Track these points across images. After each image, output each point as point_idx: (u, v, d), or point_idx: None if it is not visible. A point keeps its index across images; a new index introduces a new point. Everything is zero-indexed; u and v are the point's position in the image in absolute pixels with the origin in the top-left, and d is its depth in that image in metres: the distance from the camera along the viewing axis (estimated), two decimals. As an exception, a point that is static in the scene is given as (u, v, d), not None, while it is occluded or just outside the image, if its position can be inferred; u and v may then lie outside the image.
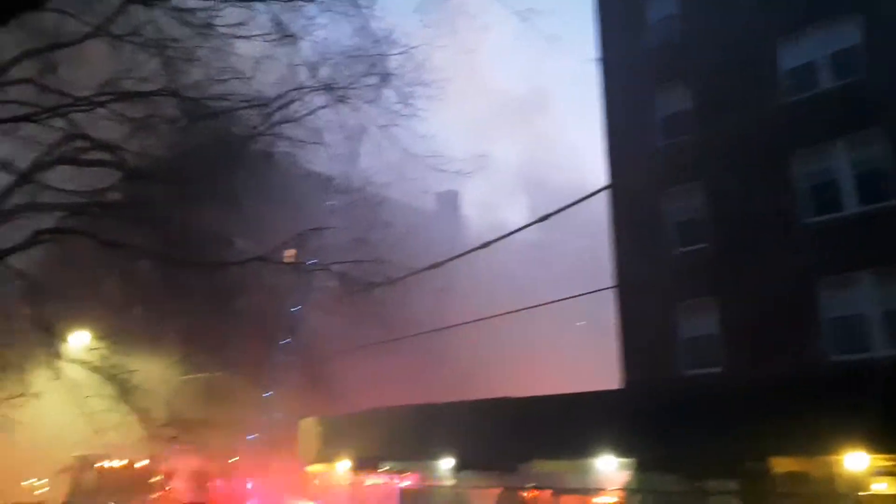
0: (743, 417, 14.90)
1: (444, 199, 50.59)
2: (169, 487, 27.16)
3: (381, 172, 15.88)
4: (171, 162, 13.55)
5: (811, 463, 14.71)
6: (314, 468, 28.53)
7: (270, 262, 14.11)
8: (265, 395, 34.44)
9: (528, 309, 21.37)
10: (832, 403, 13.74)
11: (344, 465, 26.22)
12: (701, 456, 15.41)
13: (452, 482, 21.85)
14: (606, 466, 17.95)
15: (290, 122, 13.59)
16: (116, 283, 17.26)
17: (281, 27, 12.10)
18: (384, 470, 24.53)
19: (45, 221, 13.35)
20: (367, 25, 12.47)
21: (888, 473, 13.58)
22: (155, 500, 25.82)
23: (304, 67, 13.20)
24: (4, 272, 12.93)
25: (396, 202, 19.43)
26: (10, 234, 12.84)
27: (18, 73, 11.95)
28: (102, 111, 12.64)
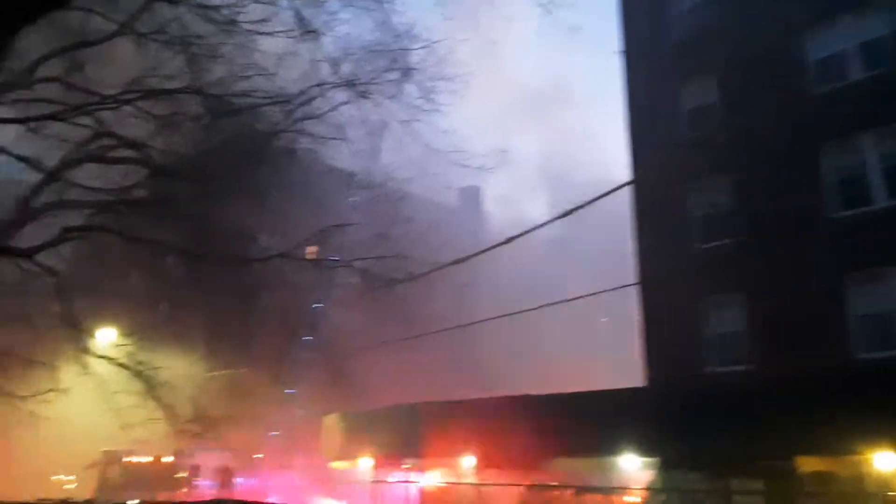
0: (769, 416, 14.71)
1: (466, 194, 50.60)
2: (195, 483, 27.53)
3: (402, 168, 15.95)
4: (195, 159, 13.69)
5: (838, 462, 14.48)
6: (336, 464, 28.72)
7: (293, 258, 14.18)
8: (288, 391, 34.72)
9: (550, 305, 21.30)
10: (860, 402, 13.52)
11: (366, 461, 26.35)
12: (725, 455, 15.24)
13: (474, 480, 21.85)
14: (629, 465, 17.85)
15: (312, 118, 13.63)
16: (142, 279, 17.49)
17: (303, 23, 12.15)
18: (406, 467, 24.60)
19: (72, 219, 13.56)
20: (388, 20, 12.48)
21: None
22: (180, 495, 26.16)
23: (326, 63, 13.25)
24: (34, 269, 13.14)
25: (418, 198, 19.46)
26: (38, 231, 13.07)
27: (46, 71, 12.16)
28: (128, 109, 12.82)
